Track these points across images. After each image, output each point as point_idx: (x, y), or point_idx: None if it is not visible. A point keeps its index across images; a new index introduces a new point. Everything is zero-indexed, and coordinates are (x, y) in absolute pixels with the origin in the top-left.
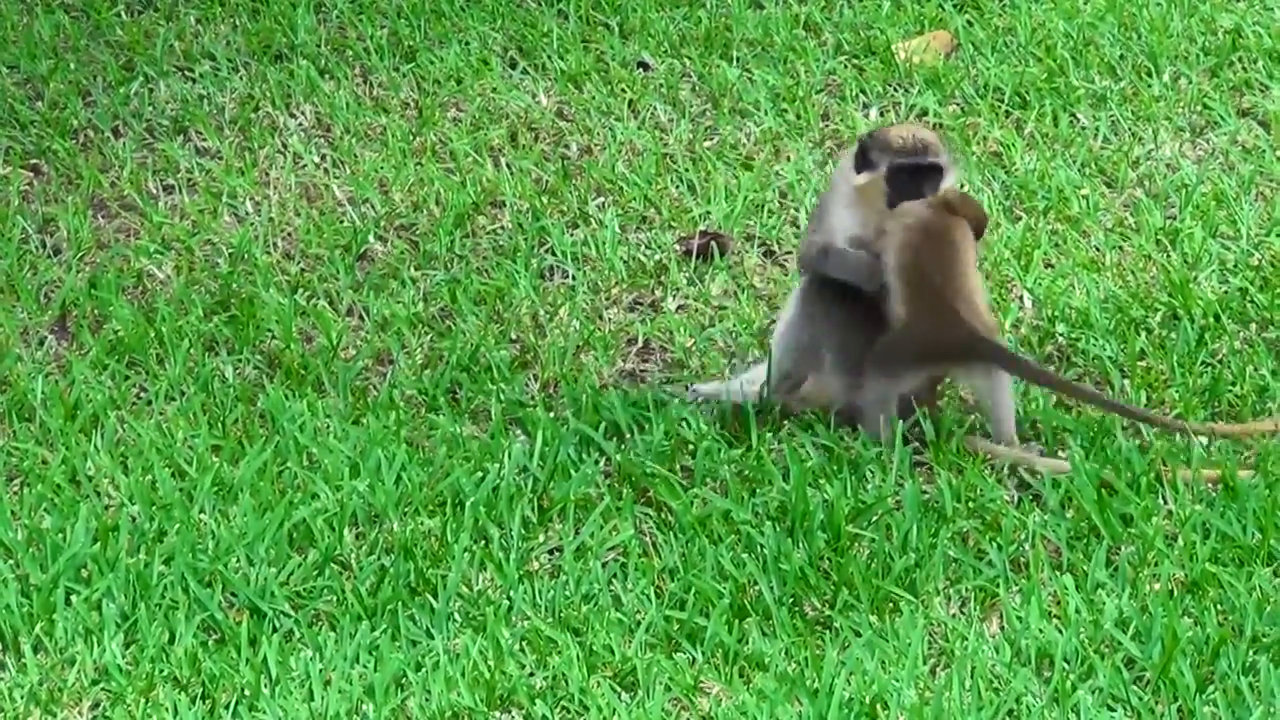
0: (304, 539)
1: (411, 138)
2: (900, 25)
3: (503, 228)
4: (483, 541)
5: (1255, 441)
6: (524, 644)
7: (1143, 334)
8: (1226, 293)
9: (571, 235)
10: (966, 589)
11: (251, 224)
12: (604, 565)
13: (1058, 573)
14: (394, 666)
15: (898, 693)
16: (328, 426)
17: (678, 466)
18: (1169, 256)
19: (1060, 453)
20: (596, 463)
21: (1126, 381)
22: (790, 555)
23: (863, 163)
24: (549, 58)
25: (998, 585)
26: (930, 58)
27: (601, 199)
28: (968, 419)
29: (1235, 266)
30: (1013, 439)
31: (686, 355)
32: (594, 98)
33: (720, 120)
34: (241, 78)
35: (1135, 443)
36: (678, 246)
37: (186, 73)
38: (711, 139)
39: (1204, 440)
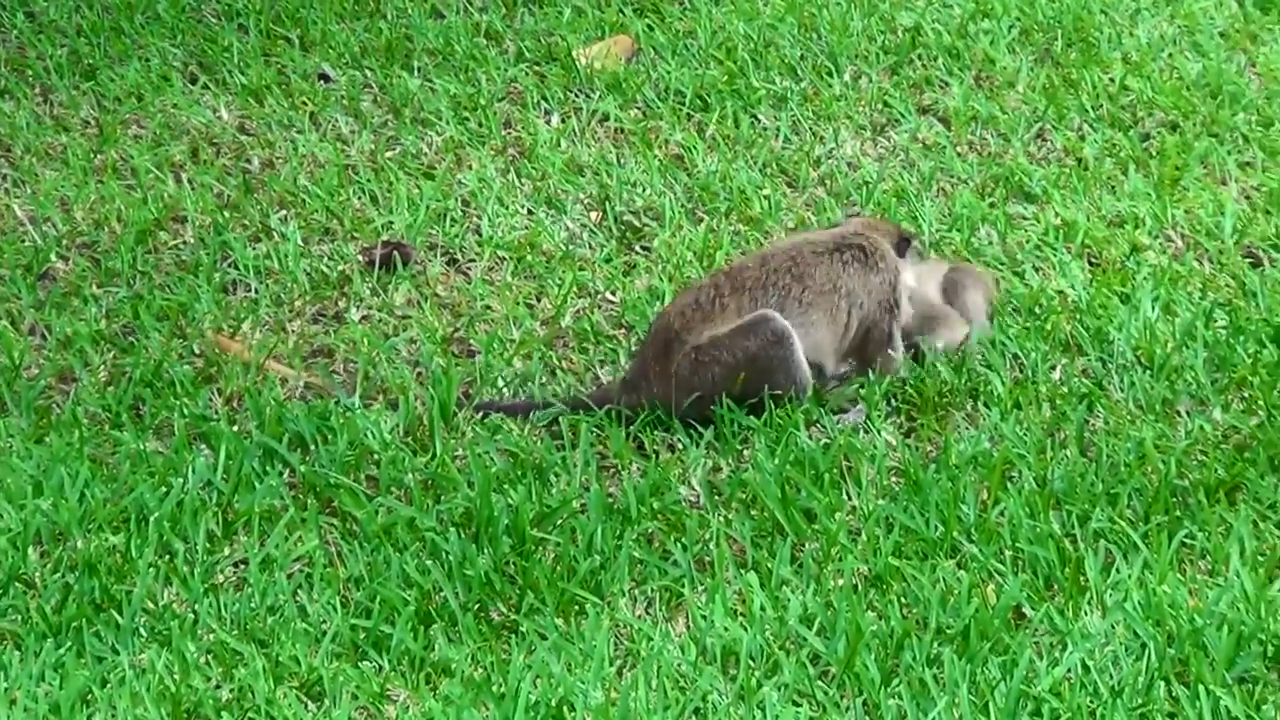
0: None
1: (93, 156)
2: (581, 31)
3: (185, 243)
4: (167, 556)
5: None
6: (210, 657)
7: None
8: None
9: (254, 249)
10: (652, 590)
11: None
12: (289, 576)
13: (742, 571)
14: (79, 683)
15: (584, 695)
16: (10, 446)
17: (362, 476)
18: None
19: (744, 452)
20: (281, 474)
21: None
22: (475, 561)
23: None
24: (230, 72)
25: (683, 585)
26: (611, 63)
27: (284, 212)
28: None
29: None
30: None
31: (371, 365)
32: (275, 111)
33: (402, 130)
34: None
35: (820, 441)
36: (360, 257)
37: None
38: (393, 149)
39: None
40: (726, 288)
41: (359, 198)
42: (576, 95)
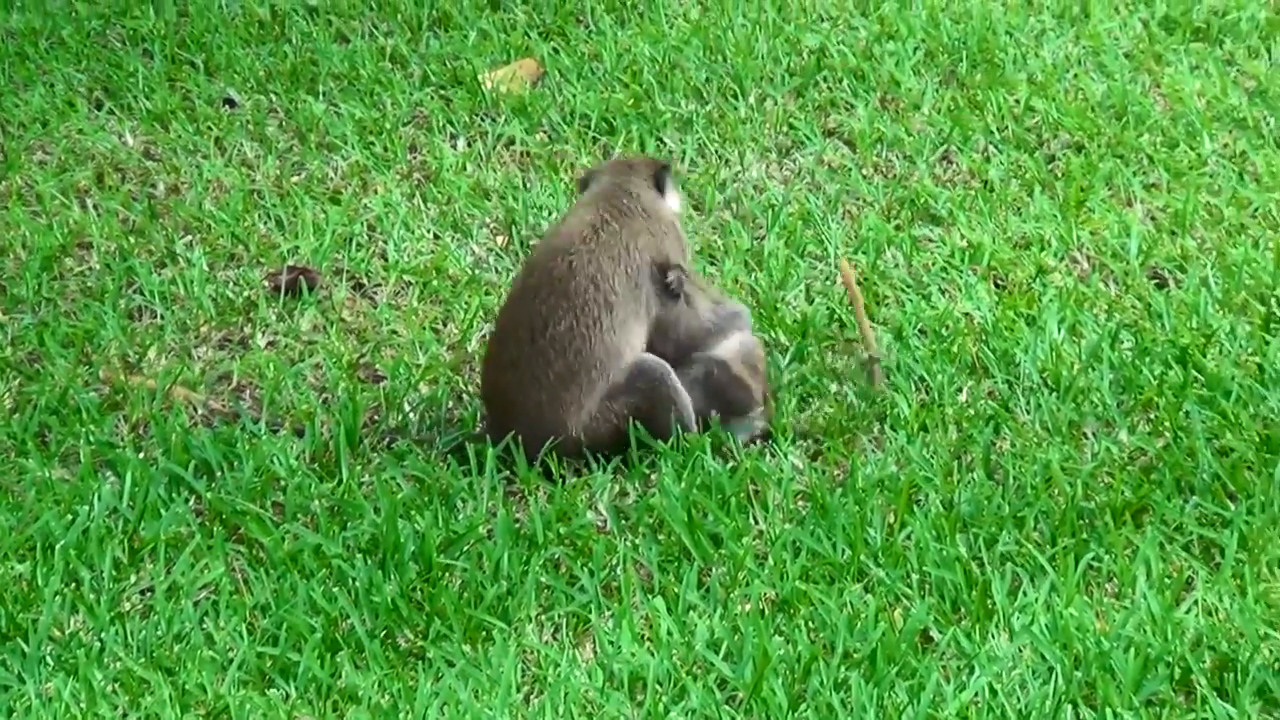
0: None
1: None
2: (486, 55)
3: (90, 269)
4: (74, 584)
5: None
6: (117, 685)
7: None
8: (815, 313)
9: (160, 275)
10: (559, 615)
11: None
12: (196, 604)
13: (649, 596)
14: None
15: None
16: None
17: (269, 503)
18: (756, 278)
19: (650, 476)
20: (187, 501)
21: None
22: (382, 587)
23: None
24: (135, 98)
25: (590, 610)
26: (517, 86)
27: (189, 237)
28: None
29: (823, 285)
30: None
31: (277, 391)
32: (180, 136)
33: (307, 155)
34: None
35: (726, 465)
36: (266, 283)
37: None
38: (299, 174)
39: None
40: (550, 350)
41: (264, 223)
42: (482, 119)
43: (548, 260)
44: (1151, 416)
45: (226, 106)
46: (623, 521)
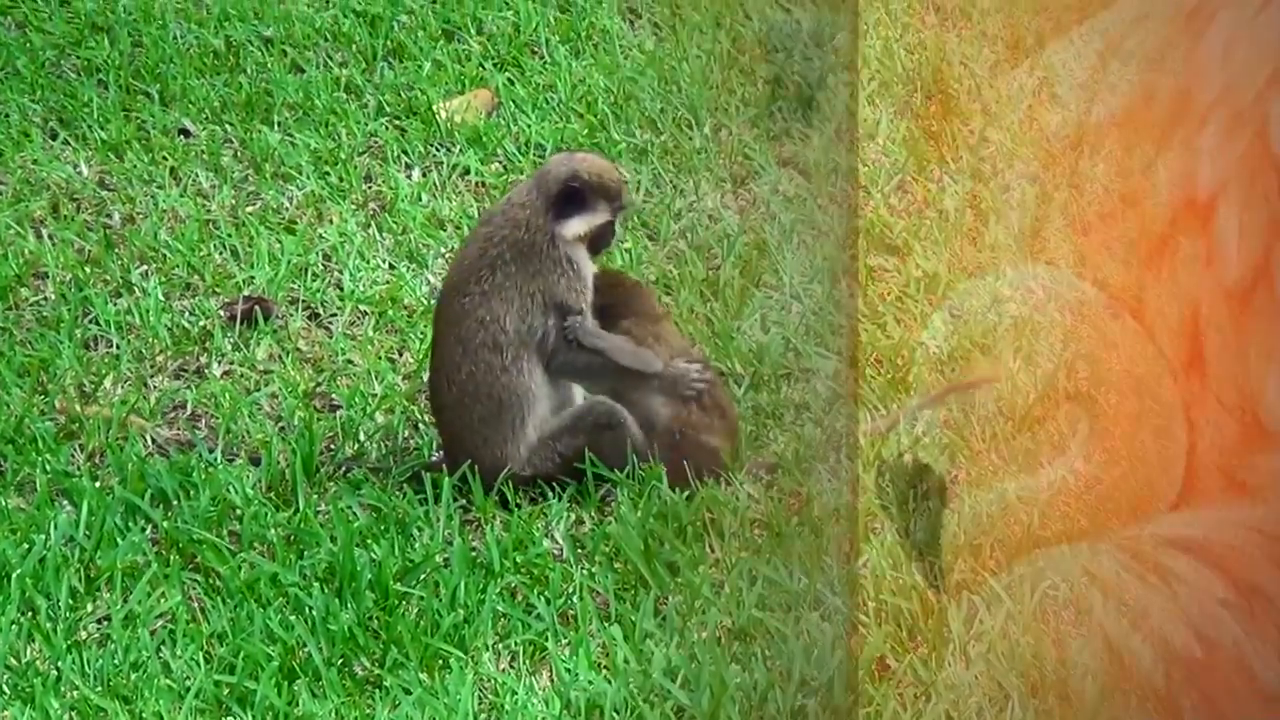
0: None
1: None
2: (441, 85)
3: (46, 299)
4: (30, 613)
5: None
6: (73, 714)
7: None
8: (771, 343)
9: (115, 304)
10: (516, 643)
11: None
12: (152, 632)
13: (606, 624)
14: None
15: None
16: None
17: (225, 531)
18: (712, 307)
19: (606, 505)
20: (143, 530)
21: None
22: (338, 616)
23: (575, 208)
24: (90, 128)
25: (547, 638)
26: (472, 116)
27: (145, 267)
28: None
29: (778, 315)
30: None
31: (232, 420)
32: (136, 166)
33: (262, 185)
34: None
35: (683, 493)
36: (222, 312)
37: None
38: (254, 204)
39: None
40: (465, 398)
41: (220, 252)
42: (437, 149)
43: (449, 297)
44: (1107, 446)
45: (181, 136)
46: (579, 550)
